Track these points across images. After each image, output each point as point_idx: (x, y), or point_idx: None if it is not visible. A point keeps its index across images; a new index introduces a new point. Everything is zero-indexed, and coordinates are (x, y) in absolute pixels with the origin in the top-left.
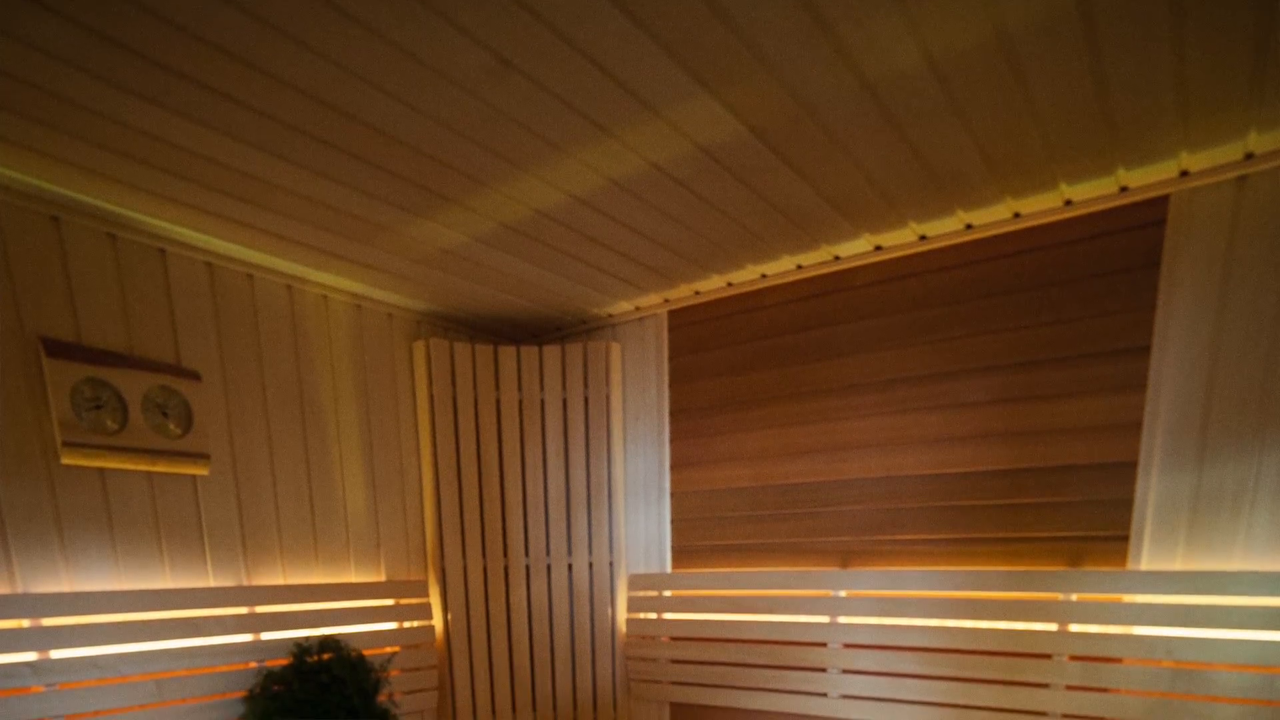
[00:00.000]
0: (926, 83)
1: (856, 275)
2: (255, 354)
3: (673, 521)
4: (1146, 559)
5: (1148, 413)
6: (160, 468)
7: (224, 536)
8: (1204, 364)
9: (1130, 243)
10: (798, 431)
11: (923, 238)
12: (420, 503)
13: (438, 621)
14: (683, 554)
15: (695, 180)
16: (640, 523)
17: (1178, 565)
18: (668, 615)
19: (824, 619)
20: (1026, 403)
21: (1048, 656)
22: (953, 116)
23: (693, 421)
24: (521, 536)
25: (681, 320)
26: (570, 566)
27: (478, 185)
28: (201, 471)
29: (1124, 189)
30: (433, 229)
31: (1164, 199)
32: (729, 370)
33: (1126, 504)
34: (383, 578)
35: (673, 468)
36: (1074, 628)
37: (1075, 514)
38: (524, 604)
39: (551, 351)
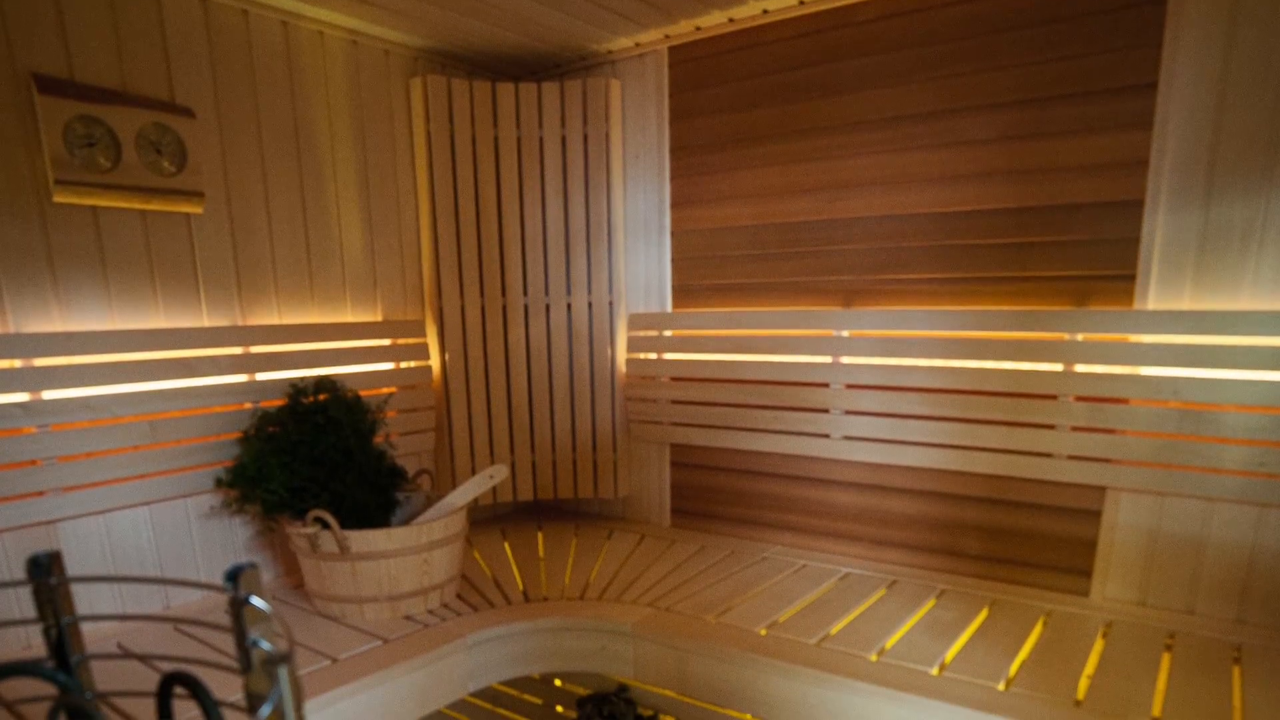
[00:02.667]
0: None
1: (860, 10)
2: (250, 91)
3: (673, 261)
4: (1153, 299)
5: (1154, 151)
6: (154, 206)
7: (218, 276)
8: (1211, 102)
9: None
10: (799, 169)
11: None
12: (417, 242)
13: (435, 362)
14: (683, 293)
15: None
16: (640, 262)
17: (1184, 305)
18: (668, 355)
19: (826, 359)
20: (1032, 140)
21: (1053, 397)
22: None
23: (693, 159)
24: (520, 276)
25: (682, 57)
26: (569, 306)
27: None
28: (196, 210)
29: None
30: None
31: None
32: (730, 108)
33: (1133, 243)
34: (379, 317)
35: (673, 206)
36: (1080, 368)
37: (1081, 253)
38: (522, 344)
39: (550, 89)
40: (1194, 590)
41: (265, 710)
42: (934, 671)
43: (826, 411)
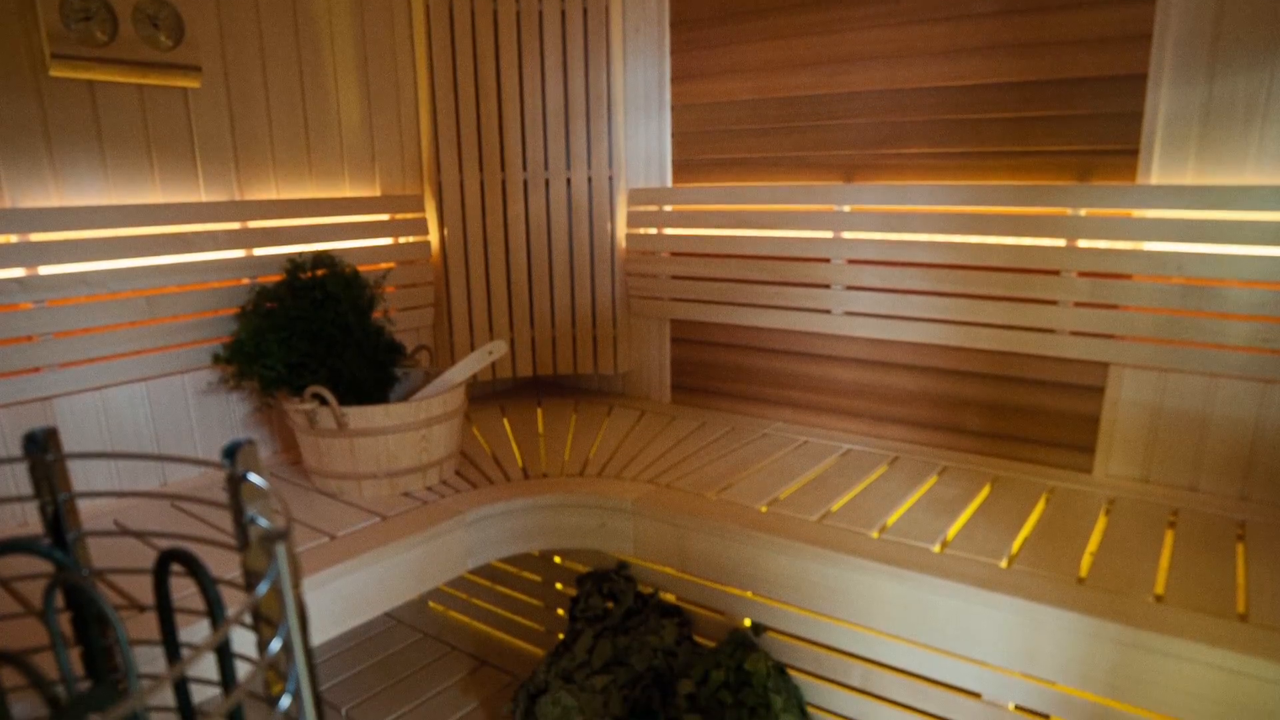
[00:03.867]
0: None
1: None
2: None
3: (673, 135)
4: (1156, 173)
5: (1158, 24)
6: (151, 80)
7: (216, 150)
8: None
9: None
10: (800, 43)
11: None
12: (416, 117)
13: (434, 238)
14: (684, 168)
15: None
16: (640, 137)
17: (1188, 180)
18: (668, 231)
19: (827, 234)
20: (1035, 14)
21: (1056, 273)
22: None
23: (694, 33)
24: (519, 151)
25: None
26: (569, 181)
27: None
28: (193, 84)
29: None
30: None
31: None
32: None
33: (1136, 118)
34: (378, 193)
35: (673, 80)
36: (1083, 243)
37: (1083, 128)
38: (522, 219)
39: None
40: (1197, 467)
41: (263, 587)
42: (936, 548)
43: (827, 287)
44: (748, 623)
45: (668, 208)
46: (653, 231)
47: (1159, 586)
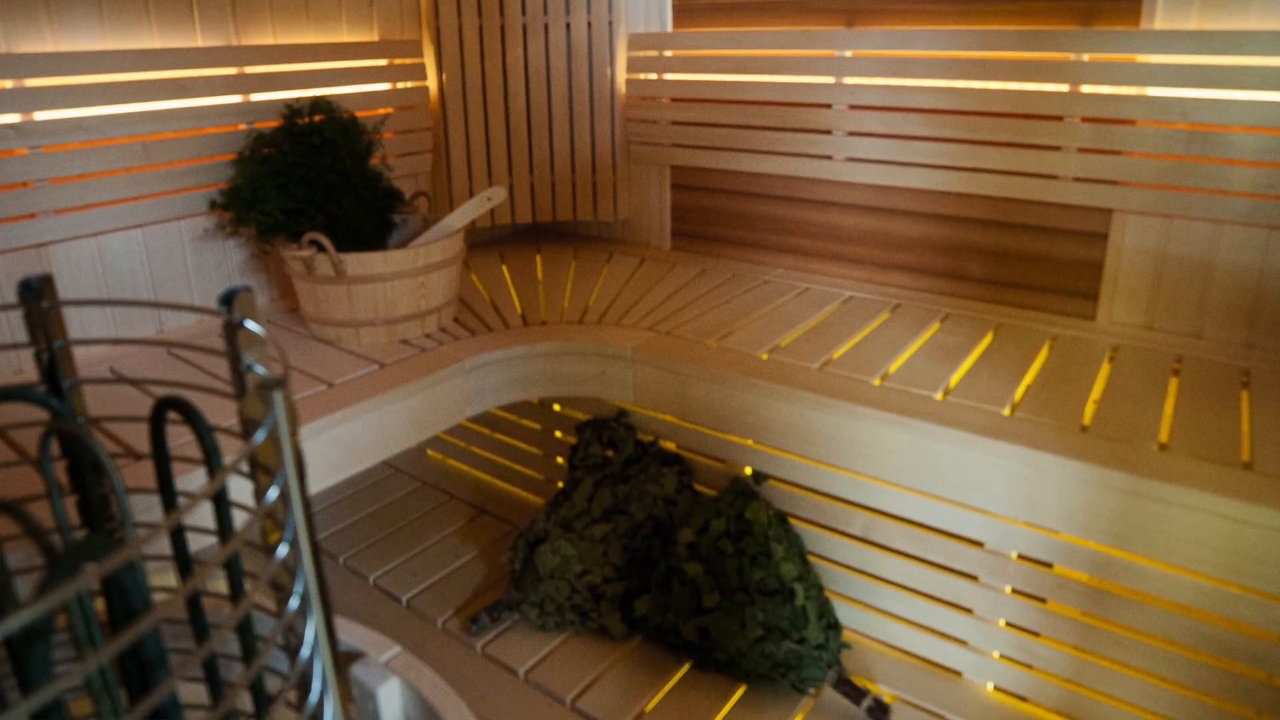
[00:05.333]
0: None
1: None
2: None
3: None
4: (1160, 18)
5: None
6: None
7: None
8: None
9: None
10: None
11: None
12: None
13: (432, 83)
14: (684, 13)
15: None
16: None
17: (1192, 24)
18: (669, 76)
19: (829, 80)
20: None
21: (1059, 118)
22: None
23: None
24: None
25: None
26: (568, 26)
27: None
28: None
29: None
30: None
31: None
32: None
33: None
34: (376, 37)
35: None
36: (1086, 89)
37: None
38: (521, 65)
39: None
40: (1201, 314)
41: (260, 435)
42: (938, 396)
43: (829, 133)
44: (748, 471)
45: (668, 53)
46: (653, 77)
47: (1163, 434)
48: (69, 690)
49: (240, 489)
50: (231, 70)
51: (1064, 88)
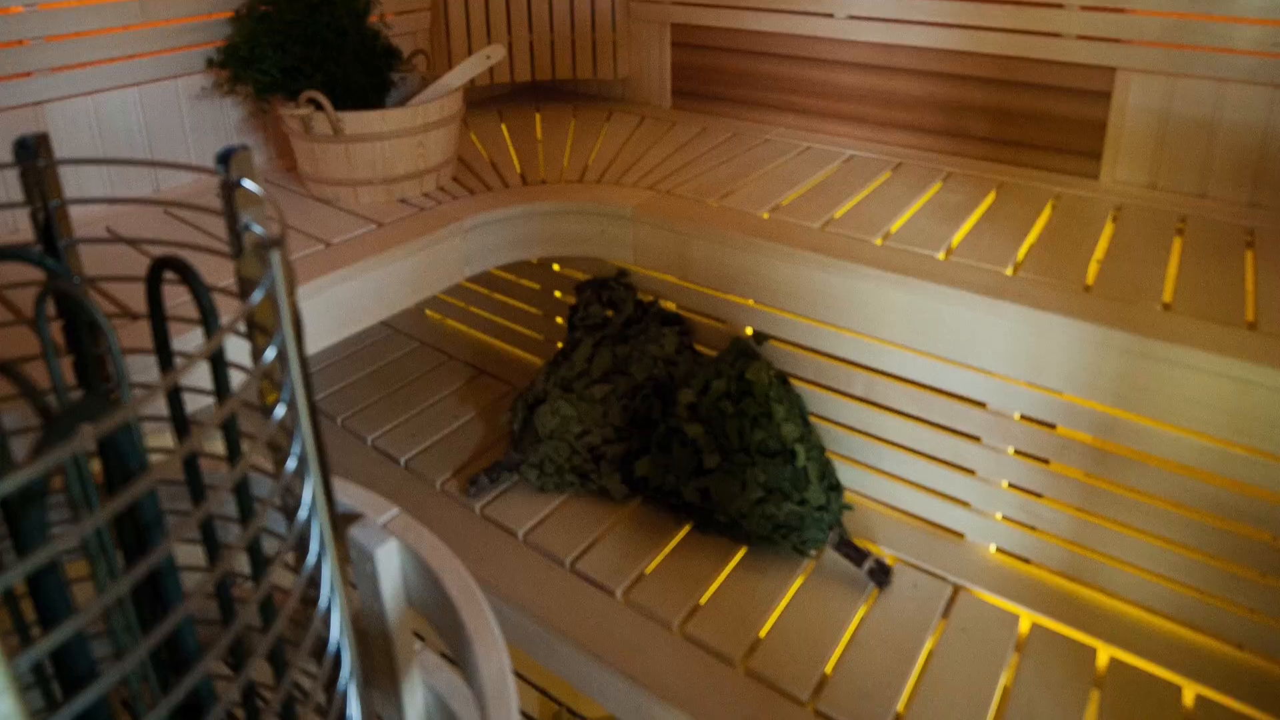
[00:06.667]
0: None
1: None
2: None
3: None
4: None
5: None
6: None
7: None
8: None
9: None
10: None
11: None
12: None
13: None
14: None
15: None
16: None
17: None
18: None
19: None
20: None
21: None
22: None
23: None
24: None
25: None
26: None
27: None
28: None
29: None
30: None
31: None
32: None
33: None
34: None
35: None
36: None
37: None
38: None
39: None
40: (1205, 173)
41: (257, 295)
42: (940, 256)
43: None
44: (749, 331)
45: None
46: None
47: (1167, 294)
48: (65, 552)
49: (238, 349)
50: None
51: None
